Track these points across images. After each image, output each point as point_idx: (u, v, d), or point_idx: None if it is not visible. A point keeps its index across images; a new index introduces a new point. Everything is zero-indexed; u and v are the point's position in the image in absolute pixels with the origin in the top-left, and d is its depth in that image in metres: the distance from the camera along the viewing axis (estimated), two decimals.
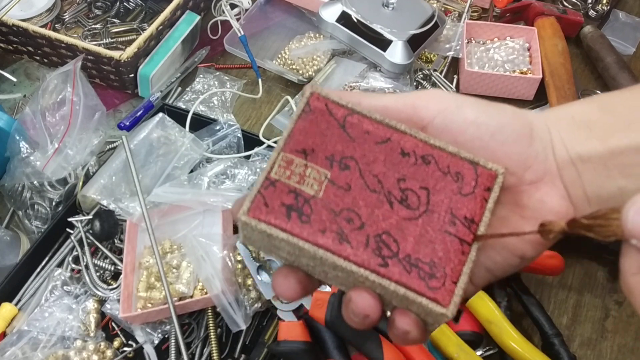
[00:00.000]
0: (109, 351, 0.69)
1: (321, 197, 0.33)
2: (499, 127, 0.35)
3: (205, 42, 1.01)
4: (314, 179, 0.34)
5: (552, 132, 0.36)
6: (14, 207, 0.82)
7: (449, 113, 0.35)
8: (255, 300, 0.70)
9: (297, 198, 0.33)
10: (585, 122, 0.35)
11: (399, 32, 0.91)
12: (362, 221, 0.33)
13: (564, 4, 1.08)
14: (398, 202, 0.34)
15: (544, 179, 0.35)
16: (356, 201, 0.34)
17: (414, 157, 0.35)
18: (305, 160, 0.34)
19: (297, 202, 0.33)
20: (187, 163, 0.81)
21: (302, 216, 0.33)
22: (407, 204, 0.34)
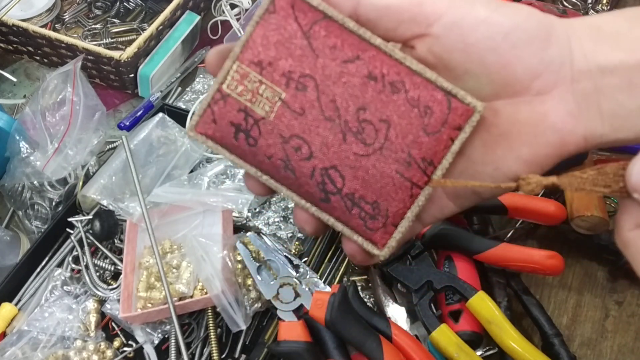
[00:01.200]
0: (109, 351, 0.69)
1: (272, 119, 0.31)
2: (512, 27, 0.31)
3: (205, 42, 1.01)
4: (266, 98, 0.31)
5: (572, 40, 0.31)
6: (14, 207, 0.82)
7: (459, 9, 0.31)
8: (255, 300, 0.70)
9: (247, 118, 0.31)
10: (611, 33, 0.31)
11: None
12: (310, 151, 0.31)
13: (564, 4, 1.08)
14: (353, 134, 0.31)
15: (553, 92, 0.31)
16: (308, 128, 0.31)
17: (382, 82, 0.31)
18: (261, 75, 0.31)
19: (246, 122, 0.31)
20: (187, 163, 0.81)
21: (249, 139, 0.31)
22: (363, 137, 0.31)
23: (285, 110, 0.31)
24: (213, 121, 0.31)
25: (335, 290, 0.64)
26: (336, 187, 0.31)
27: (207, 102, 0.32)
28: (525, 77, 0.31)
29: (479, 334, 0.67)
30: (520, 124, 0.32)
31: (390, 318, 0.68)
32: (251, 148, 0.31)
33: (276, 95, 0.31)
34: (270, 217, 0.78)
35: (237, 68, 0.31)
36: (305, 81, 0.31)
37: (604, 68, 0.31)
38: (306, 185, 0.31)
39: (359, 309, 0.64)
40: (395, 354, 0.61)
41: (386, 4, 0.31)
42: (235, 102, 0.31)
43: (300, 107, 0.31)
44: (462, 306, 0.68)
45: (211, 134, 0.32)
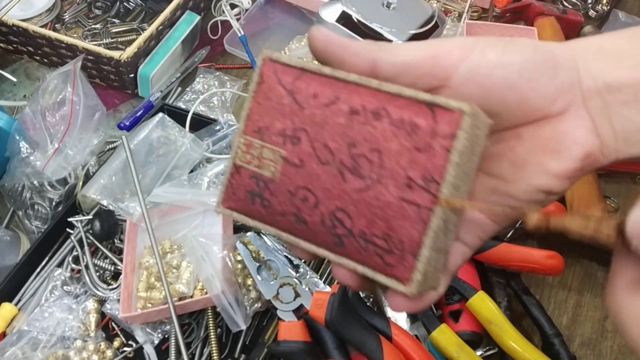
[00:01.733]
0: (109, 351, 0.69)
1: (278, 178, 0.33)
2: (524, 63, 0.32)
3: (205, 42, 1.01)
4: (270, 160, 0.33)
5: (578, 61, 0.33)
6: (14, 207, 0.82)
7: (472, 58, 0.32)
8: (255, 300, 0.70)
9: (258, 183, 0.33)
10: (614, 51, 0.33)
11: (399, 32, 0.91)
12: (316, 199, 0.32)
13: (564, 4, 1.08)
14: (350, 171, 0.31)
15: (569, 111, 0.33)
16: (309, 177, 0.32)
17: (364, 114, 0.31)
18: (262, 140, 0.33)
19: (258, 186, 0.33)
20: (187, 163, 0.81)
21: (263, 201, 0.33)
22: (359, 172, 0.31)
23: (287, 167, 0.33)
24: (233, 193, 0.34)
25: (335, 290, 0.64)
26: (346, 228, 0.31)
27: (226, 178, 0.34)
28: (543, 105, 0.32)
29: (479, 334, 0.67)
30: (544, 141, 0.33)
31: (390, 318, 0.68)
32: (267, 210, 0.33)
33: (277, 154, 0.33)
34: None
35: (243, 140, 0.34)
36: (298, 134, 0.32)
37: (610, 85, 0.32)
38: (320, 234, 0.32)
39: (359, 309, 0.64)
40: (395, 354, 0.61)
41: (403, 61, 0.32)
42: (246, 171, 0.33)
43: (299, 159, 0.32)
44: (462, 306, 0.68)
45: (234, 206, 0.34)
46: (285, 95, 0.33)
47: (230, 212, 0.34)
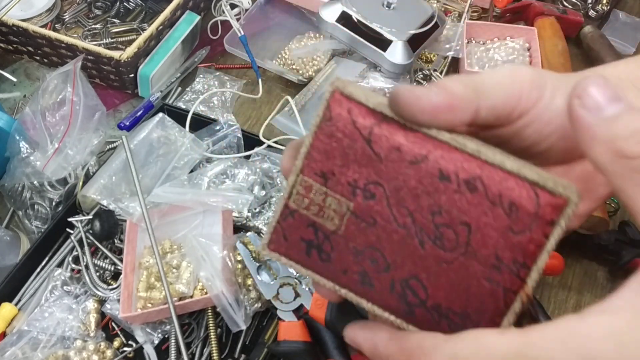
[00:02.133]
0: (109, 351, 0.69)
1: (342, 232, 0.30)
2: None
3: (205, 42, 1.01)
4: (334, 210, 0.30)
5: None
6: (14, 207, 0.82)
7: (543, 104, 0.31)
8: (255, 300, 0.70)
9: (317, 233, 0.30)
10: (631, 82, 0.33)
11: (399, 32, 0.91)
12: (387, 262, 0.29)
13: (564, 4, 1.08)
14: (431, 240, 0.28)
15: None
16: (381, 238, 0.29)
17: (456, 181, 0.28)
18: (325, 186, 0.30)
19: (317, 237, 0.30)
20: (187, 163, 0.81)
21: (322, 254, 0.30)
22: (442, 243, 0.28)
23: (355, 222, 0.29)
24: (284, 238, 0.30)
25: None
26: (419, 298, 0.29)
27: (276, 219, 0.31)
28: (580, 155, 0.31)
29: None
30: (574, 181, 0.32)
31: None
32: (325, 264, 0.30)
33: (344, 206, 0.29)
34: (270, 217, 0.78)
35: (301, 182, 0.30)
36: (373, 189, 0.29)
37: None
38: (388, 299, 0.29)
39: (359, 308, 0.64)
40: None
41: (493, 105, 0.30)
42: (303, 218, 0.30)
43: (371, 217, 0.29)
44: None
45: (284, 252, 0.31)
46: (361, 141, 0.29)
47: (278, 256, 0.31)
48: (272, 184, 0.80)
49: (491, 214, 0.27)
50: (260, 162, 0.82)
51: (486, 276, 0.28)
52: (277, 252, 0.31)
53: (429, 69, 0.97)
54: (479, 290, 0.28)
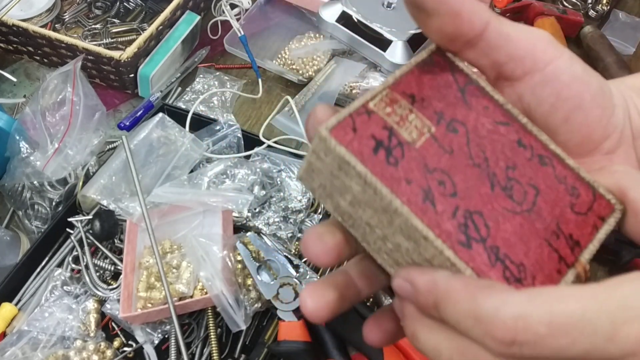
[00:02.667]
0: (109, 351, 0.69)
1: (418, 147, 0.29)
2: (598, 88, 0.32)
3: (205, 42, 1.01)
4: (415, 126, 0.29)
5: (627, 100, 0.34)
6: (14, 207, 0.82)
7: (561, 63, 0.32)
8: (255, 300, 0.70)
9: (391, 137, 0.28)
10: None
11: (399, 32, 0.91)
12: (455, 189, 0.28)
13: (564, 4, 1.08)
14: (501, 188, 0.29)
15: (618, 150, 0.33)
16: (455, 167, 0.29)
17: (531, 151, 0.31)
18: (412, 105, 0.30)
19: (390, 141, 0.28)
20: (187, 163, 0.81)
21: (390, 157, 0.28)
22: (511, 194, 0.29)
23: (433, 144, 0.29)
24: (353, 129, 0.28)
25: None
26: (480, 234, 0.28)
27: (348, 112, 0.29)
28: (600, 138, 0.32)
29: None
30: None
31: None
32: (390, 167, 0.28)
33: (425, 127, 0.29)
34: (270, 217, 0.78)
35: (388, 93, 0.30)
36: (457, 125, 0.30)
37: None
38: (446, 223, 0.27)
39: (360, 308, 0.64)
40: (396, 354, 0.61)
41: (509, 33, 0.31)
42: (380, 120, 0.29)
43: (449, 146, 0.29)
44: None
45: (347, 141, 0.28)
46: (455, 87, 0.31)
47: (338, 143, 0.27)
48: (272, 184, 0.80)
49: (557, 189, 0.30)
50: (260, 162, 0.82)
51: (547, 238, 0.29)
52: (338, 139, 0.28)
53: None
54: (539, 249, 0.29)
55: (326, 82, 0.94)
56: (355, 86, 0.93)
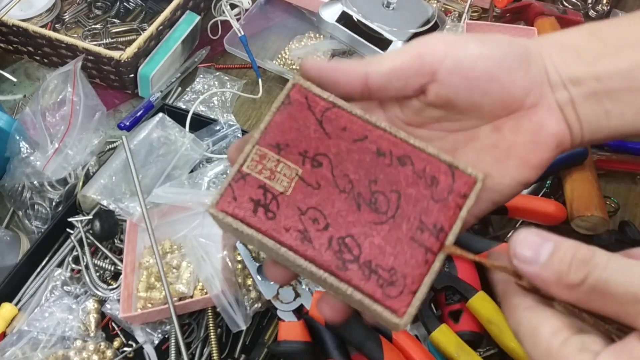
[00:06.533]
0: (109, 351, 0.69)
1: (289, 194, 0.33)
2: (503, 56, 0.35)
3: (205, 42, 1.01)
4: (284, 175, 0.34)
5: (544, 57, 0.36)
6: (14, 207, 0.82)
7: (455, 52, 0.35)
8: (255, 300, 0.70)
9: (266, 194, 0.33)
10: (574, 47, 0.36)
11: (399, 32, 0.91)
12: (327, 222, 0.33)
13: (564, 4, 1.08)
14: (366, 204, 0.33)
15: (541, 103, 0.36)
16: (324, 201, 0.33)
17: (390, 157, 0.34)
18: (278, 155, 0.34)
19: (265, 197, 0.33)
20: (187, 163, 0.81)
21: (268, 212, 0.33)
22: (376, 207, 0.33)
23: (302, 185, 0.33)
24: (233, 198, 0.33)
25: None
26: (353, 255, 0.32)
27: (227, 182, 0.33)
28: (520, 96, 0.35)
29: (479, 334, 0.67)
30: (522, 135, 0.36)
31: None
32: (270, 221, 0.33)
33: (293, 171, 0.34)
34: None
35: (257, 150, 0.34)
36: (320, 158, 0.34)
37: (572, 79, 0.35)
38: (324, 255, 0.32)
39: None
40: (396, 354, 0.61)
41: (391, 67, 0.35)
42: (254, 180, 0.33)
43: (316, 182, 0.34)
44: (462, 306, 0.68)
45: (231, 211, 0.33)
46: (314, 121, 0.34)
47: (225, 215, 0.33)
48: None
49: (417, 185, 0.34)
50: None
51: (412, 236, 0.33)
52: (224, 211, 0.33)
53: None
54: (406, 248, 0.33)
55: None
56: None
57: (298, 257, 0.33)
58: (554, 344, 0.28)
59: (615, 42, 0.36)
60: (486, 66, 0.35)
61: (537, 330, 0.29)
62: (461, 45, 0.35)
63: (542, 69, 0.36)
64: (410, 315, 0.32)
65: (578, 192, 0.75)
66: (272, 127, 0.35)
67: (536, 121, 0.36)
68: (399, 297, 0.32)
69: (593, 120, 0.36)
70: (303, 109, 0.35)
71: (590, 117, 0.36)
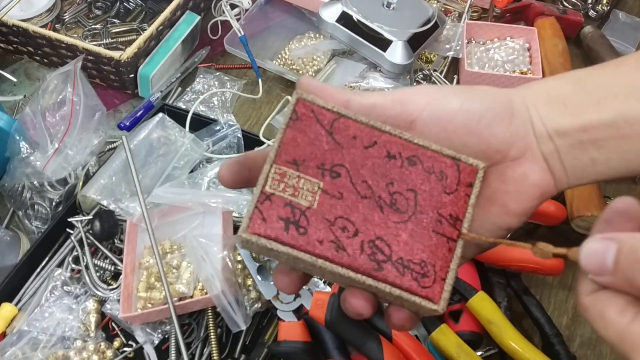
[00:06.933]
0: (109, 351, 0.69)
1: (316, 207, 0.35)
2: (483, 110, 0.37)
3: (205, 42, 1.01)
4: (307, 190, 0.35)
5: (529, 108, 0.37)
6: (14, 207, 0.82)
7: (436, 104, 0.37)
8: (255, 300, 0.70)
9: (293, 210, 0.34)
10: (560, 98, 0.37)
11: (399, 32, 0.91)
12: (355, 228, 0.35)
13: (564, 4, 1.08)
14: (388, 206, 0.35)
15: (526, 155, 0.37)
16: (349, 209, 0.35)
17: (400, 159, 0.36)
18: (298, 171, 0.35)
19: (294, 214, 0.34)
20: (187, 163, 0.81)
21: (299, 228, 0.34)
22: (397, 207, 0.35)
23: (325, 197, 0.35)
24: (263, 220, 0.34)
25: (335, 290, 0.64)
26: (385, 255, 0.34)
27: (253, 205, 0.34)
28: (502, 148, 0.37)
29: (479, 334, 0.67)
30: (506, 185, 0.37)
31: None
32: (302, 237, 0.34)
33: (315, 185, 0.35)
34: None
35: (276, 169, 0.35)
36: (338, 169, 0.35)
37: (558, 131, 0.37)
38: (359, 259, 0.34)
39: None
40: (396, 354, 0.61)
41: (372, 102, 0.37)
42: (279, 199, 0.34)
43: (339, 192, 0.35)
44: (462, 306, 0.68)
45: (264, 233, 0.34)
46: (324, 133, 0.36)
47: (258, 238, 0.34)
48: None
49: (429, 181, 0.36)
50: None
51: (433, 229, 0.35)
52: (257, 234, 0.34)
53: (429, 69, 0.97)
54: (430, 241, 0.35)
55: (326, 82, 0.94)
56: (356, 86, 0.93)
57: (336, 267, 0.34)
58: (622, 323, 0.28)
59: (599, 93, 0.37)
60: (465, 120, 0.36)
61: (604, 313, 0.29)
62: (443, 97, 0.37)
63: (527, 120, 0.37)
64: (445, 300, 0.34)
65: (578, 192, 0.75)
66: (286, 144, 0.36)
67: (520, 172, 0.37)
68: (432, 286, 0.34)
69: (579, 167, 0.37)
70: (312, 123, 0.36)
71: (576, 165, 0.37)
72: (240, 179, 0.37)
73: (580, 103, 0.37)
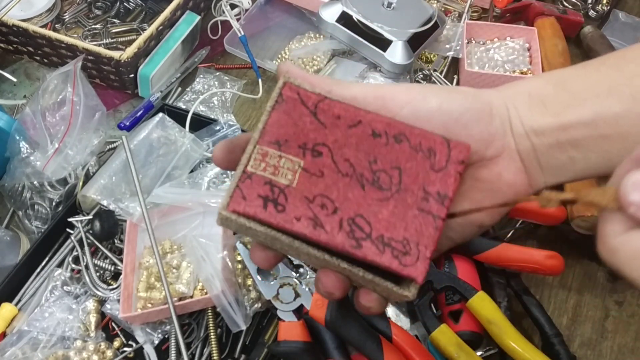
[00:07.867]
0: (109, 351, 0.69)
1: (295, 185, 0.35)
2: (461, 111, 0.37)
3: (205, 42, 1.01)
4: (287, 168, 0.35)
5: (509, 109, 0.38)
6: (14, 207, 0.82)
7: (415, 103, 0.37)
8: (255, 300, 0.70)
9: (273, 189, 0.35)
10: (540, 98, 0.38)
11: (399, 32, 0.91)
12: (335, 206, 0.34)
13: (564, 4, 1.08)
14: (370, 184, 0.35)
15: (503, 154, 0.38)
16: (329, 187, 0.35)
17: (386, 137, 0.36)
18: (279, 151, 0.35)
19: (273, 192, 0.34)
20: (187, 163, 0.81)
21: (277, 206, 0.34)
22: (379, 185, 0.35)
23: (306, 176, 0.35)
24: (242, 198, 0.34)
25: None
26: (365, 232, 0.34)
27: (235, 183, 0.35)
28: (479, 148, 0.37)
29: (479, 334, 0.67)
30: (480, 183, 0.38)
31: (390, 318, 0.68)
32: (280, 214, 0.34)
33: (295, 164, 0.35)
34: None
35: (258, 150, 0.35)
36: (319, 148, 0.35)
37: (536, 130, 0.37)
38: (337, 237, 0.34)
39: None
40: (396, 354, 0.61)
41: (354, 94, 0.37)
42: (260, 178, 0.35)
43: (319, 171, 0.35)
44: (462, 306, 0.68)
45: (242, 210, 0.34)
46: (308, 114, 0.36)
47: (237, 216, 0.34)
48: None
49: (415, 158, 0.36)
50: None
51: (418, 206, 0.35)
52: (236, 212, 0.34)
53: (429, 69, 0.97)
54: (415, 219, 0.34)
55: None
56: None
57: (311, 248, 0.34)
58: None
59: (580, 93, 0.37)
60: (442, 120, 0.37)
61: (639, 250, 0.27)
62: (423, 97, 0.37)
63: (506, 120, 0.38)
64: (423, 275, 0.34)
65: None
66: (270, 125, 0.36)
67: (496, 171, 0.38)
68: (415, 264, 0.34)
69: (557, 166, 0.38)
70: (297, 105, 0.36)
71: (553, 164, 0.38)
72: (233, 158, 0.38)
73: (561, 103, 0.37)
